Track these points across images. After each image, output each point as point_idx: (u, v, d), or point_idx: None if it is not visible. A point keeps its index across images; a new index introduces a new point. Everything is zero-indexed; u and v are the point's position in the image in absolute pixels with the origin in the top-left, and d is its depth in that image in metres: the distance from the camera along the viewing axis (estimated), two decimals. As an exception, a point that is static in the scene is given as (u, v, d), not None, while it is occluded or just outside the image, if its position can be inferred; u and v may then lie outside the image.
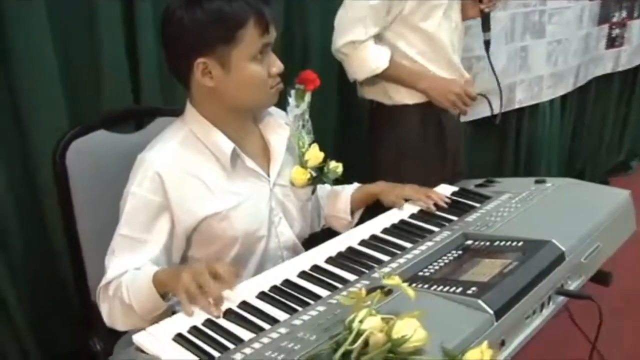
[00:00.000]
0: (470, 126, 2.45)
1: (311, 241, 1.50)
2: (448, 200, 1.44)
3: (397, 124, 1.94)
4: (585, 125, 3.46)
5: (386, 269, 1.13)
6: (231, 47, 1.22)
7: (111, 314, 1.25)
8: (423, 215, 1.40)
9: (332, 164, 1.50)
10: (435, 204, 1.43)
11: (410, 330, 0.82)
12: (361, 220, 1.53)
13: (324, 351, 0.83)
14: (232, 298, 1.07)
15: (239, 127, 1.35)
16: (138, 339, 0.98)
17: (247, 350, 0.91)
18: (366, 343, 0.82)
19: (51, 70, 1.49)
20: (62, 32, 1.51)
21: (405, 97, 1.91)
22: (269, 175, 1.38)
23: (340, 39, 1.83)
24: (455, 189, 1.54)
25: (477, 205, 1.41)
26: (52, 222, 1.55)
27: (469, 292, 0.97)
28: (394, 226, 1.36)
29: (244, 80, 1.25)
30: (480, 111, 2.27)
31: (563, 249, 1.11)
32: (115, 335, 1.38)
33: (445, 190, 1.53)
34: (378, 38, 1.87)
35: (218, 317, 1.03)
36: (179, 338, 0.97)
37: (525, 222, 1.26)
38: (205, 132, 1.31)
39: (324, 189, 1.60)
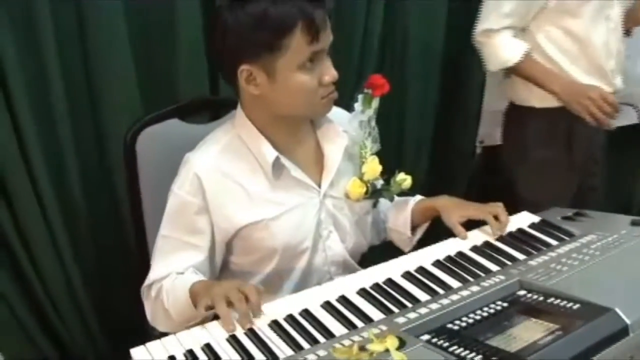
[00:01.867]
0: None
1: (366, 256, 1.42)
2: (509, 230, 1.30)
3: (522, 127, 1.84)
4: None
5: (412, 314, 1.02)
6: (276, 56, 1.14)
7: (153, 315, 1.27)
8: (485, 248, 1.25)
9: (400, 176, 1.39)
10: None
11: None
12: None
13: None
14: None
15: (288, 135, 1.28)
16: (135, 353, 0.96)
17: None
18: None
19: (125, 55, 1.53)
20: (138, 17, 1.54)
21: (534, 99, 1.79)
22: (319, 186, 1.30)
23: (478, 27, 1.77)
24: (536, 219, 1.36)
25: (553, 244, 1.24)
26: (120, 202, 1.60)
27: (486, 364, 0.84)
28: (449, 258, 1.22)
29: (291, 90, 1.18)
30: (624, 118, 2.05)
31: (627, 321, 0.93)
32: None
33: (525, 219, 1.36)
34: (521, 32, 1.76)
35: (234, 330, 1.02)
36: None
37: (594, 278, 1.07)
38: (251, 139, 1.26)
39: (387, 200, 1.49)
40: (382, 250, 1.47)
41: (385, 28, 1.89)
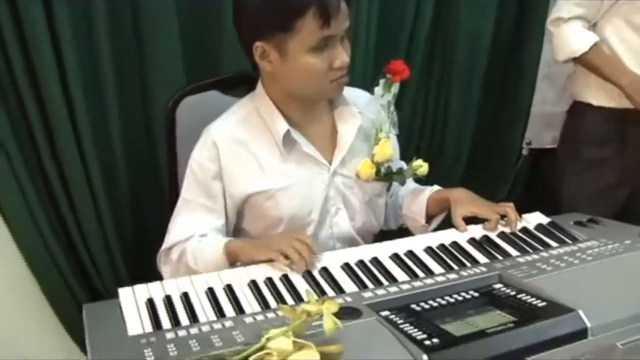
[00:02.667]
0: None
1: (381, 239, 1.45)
2: (515, 229, 1.29)
3: (578, 123, 1.85)
4: None
5: (382, 291, 1.05)
6: (288, 36, 1.19)
7: (174, 277, 1.31)
8: (483, 242, 1.26)
9: (416, 162, 1.42)
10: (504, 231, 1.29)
11: (305, 363, 0.77)
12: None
13: (228, 355, 0.82)
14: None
15: (303, 111, 1.34)
16: (122, 293, 1.06)
17: (193, 330, 0.94)
18: None
19: (173, 28, 1.63)
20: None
21: (592, 96, 1.79)
22: (330, 163, 1.35)
23: (551, 15, 1.78)
24: (545, 220, 1.35)
25: (552, 245, 1.23)
26: (159, 162, 1.71)
27: (427, 342, 0.86)
28: (441, 246, 1.24)
29: (300, 70, 1.23)
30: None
31: (587, 324, 0.92)
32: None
33: (535, 219, 1.35)
34: (593, 26, 1.76)
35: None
36: (148, 303, 1.02)
37: (573, 281, 1.06)
38: (267, 112, 1.32)
39: (407, 186, 1.52)
40: (400, 236, 1.50)
41: (433, 20, 1.90)
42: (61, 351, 1.79)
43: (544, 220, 1.35)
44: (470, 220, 1.34)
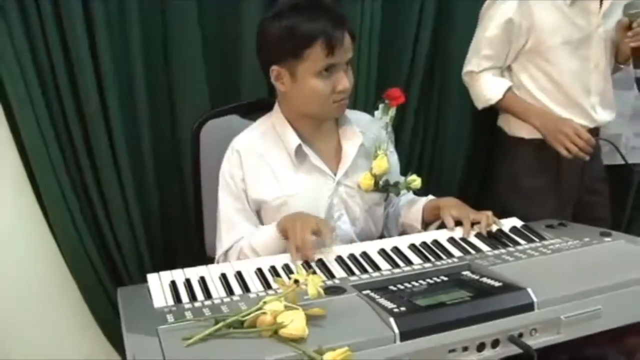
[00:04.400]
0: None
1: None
2: (486, 230, 1.46)
3: (512, 156, 1.96)
4: None
5: (366, 276, 1.25)
6: (298, 62, 1.42)
7: None
8: (461, 240, 1.44)
9: (411, 178, 1.62)
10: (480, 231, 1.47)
11: (293, 321, 0.97)
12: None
13: (231, 315, 1.02)
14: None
15: (312, 128, 1.55)
16: (150, 278, 1.27)
17: (207, 302, 1.15)
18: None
19: (198, 60, 1.86)
20: (210, 26, 1.87)
21: (522, 130, 1.90)
22: (335, 175, 1.56)
23: (464, 68, 1.92)
24: (519, 224, 1.53)
25: (521, 242, 1.41)
26: (186, 182, 1.94)
27: (395, 310, 1.05)
28: (423, 243, 1.43)
29: (307, 92, 1.45)
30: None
31: (534, 299, 1.10)
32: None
33: (509, 223, 1.53)
34: (507, 70, 1.90)
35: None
36: (171, 284, 1.24)
37: (531, 268, 1.24)
38: (282, 128, 1.55)
39: (406, 197, 1.72)
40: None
41: (431, 50, 2.10)
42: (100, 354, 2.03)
43: (519, 223, 1.53)
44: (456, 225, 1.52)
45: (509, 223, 1.53)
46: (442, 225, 1.55)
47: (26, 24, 1.63)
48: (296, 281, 1.03)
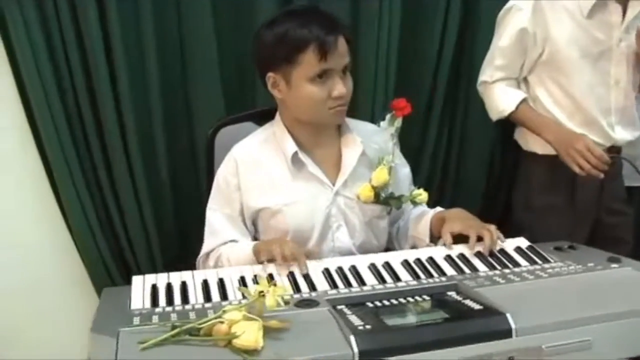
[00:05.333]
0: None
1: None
2: (486, 252, 1.40)
3: (525, 172, 1.89)
4: None
5: (345, 290, 1.22)
6: (292, 68, 1.41)
7: None
8: (457, 258, 1.39)
9: (416, 191, 1.58)
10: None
11: (246, 332, 0.95)
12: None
13: (189, 322, 1.01)
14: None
15: (311, 136, 1.53)
16: (135, 280, 1.28)
17: (178, 308, 1.15)
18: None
19: (213, 69, 1.89)
20: (226, 35, 1.88)
21: (536, 145, 1.83)
22: (334, 185, 1.53)
23: (479, 78, 1.86)
24: (525, 244, 1.46)
25: (523, 264, 1.35)
26: (200, 187, 1.96)
27: (360, 327, 1.02)
28: (417, 260, 1.38)
29: (302, 97, 1.43)
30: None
31: (512, 325, 1.04)
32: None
33: (515, 243, 1.46)
34: (524, 82, 1.83)
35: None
36: (152, 287, 1.25)
37: (518, 292, 1.17)
38: (280, 135, 1.54)
39: (417, 209, 1.67)
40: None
41: (456, 54, 2.06)
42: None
43: (524, 244, 1.46)
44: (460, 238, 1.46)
45: (515, 243, 1.46)
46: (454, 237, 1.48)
47: (45, 27, 1.70)
48: (261, 292, 1.01)
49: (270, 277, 1.30)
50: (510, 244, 1.45)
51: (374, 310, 1.12)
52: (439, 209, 1.65)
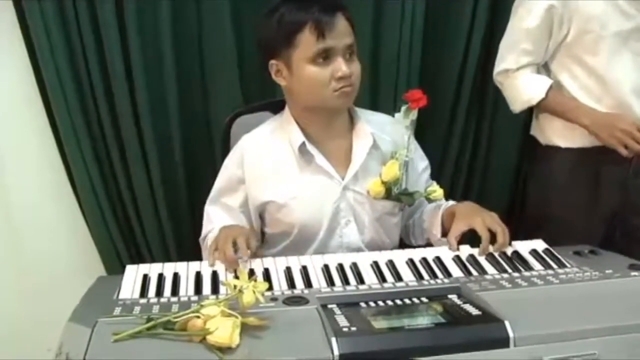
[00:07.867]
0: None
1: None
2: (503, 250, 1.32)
3: (545, 169, 1.77)
4: None
5: (341, 289, 1.16)
6: (291, 50, 1.37)
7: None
8: (466, 260, 1.31)
9: (431, 188, 1.52)
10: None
11: (220, 328, 0.91)
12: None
13: (167, 316, 0.98)
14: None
15: (320, 126, 1.47)
16: (128, 268, 1.26)
17: (163, 300, 1.12)
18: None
19: (232, 59, 1.86)
20: (241, 26, 1.86)
21: (559, 138, 1.72)
22: (343, 179, 1.47)
23: (496, 67, 1.75)
24: (542, 247, 1.37)
25: (536, 268, 1.26)
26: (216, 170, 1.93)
27: (344, 329, 0.96)
28: (423, 259, 1.31)
29: (304, 80, 1.38)
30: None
31: (511, 334, 0.96)
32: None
33: (533, 245, 1.37)
34: (544, 68, 1.71)
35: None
36: (143, 277, 1.22)
37: (522, 298, 1.09)
38: (288, 126, 1.49)
39: (431, 204, 1.59)
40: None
41: (484, 47, 1.97)
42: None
43: (541, 247, 1.37)
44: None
45: (530, 245, 1.37)
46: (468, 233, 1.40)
47: (64, 22, 1.72)
48: (235, 286, 0.96)
49: (267, 273, 1.25)
50: (525, 246, 1.36)
51: (365, 311, 1.06)
52: (451, 202, 1.57)
